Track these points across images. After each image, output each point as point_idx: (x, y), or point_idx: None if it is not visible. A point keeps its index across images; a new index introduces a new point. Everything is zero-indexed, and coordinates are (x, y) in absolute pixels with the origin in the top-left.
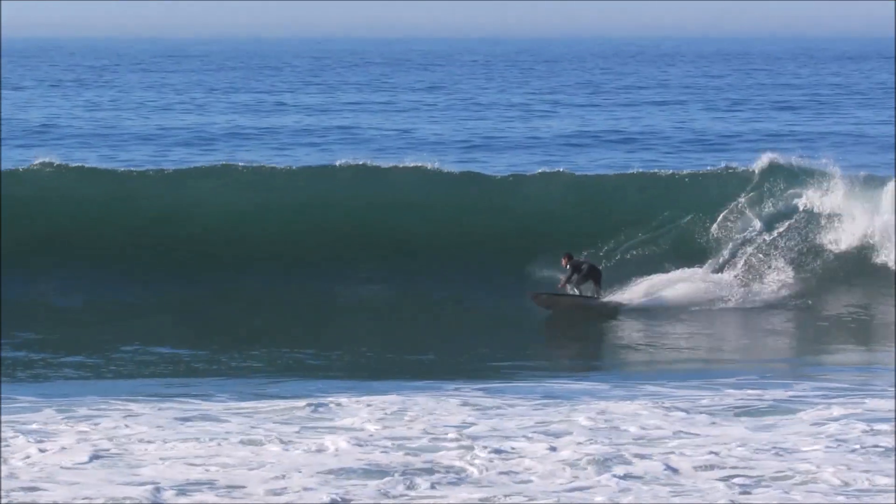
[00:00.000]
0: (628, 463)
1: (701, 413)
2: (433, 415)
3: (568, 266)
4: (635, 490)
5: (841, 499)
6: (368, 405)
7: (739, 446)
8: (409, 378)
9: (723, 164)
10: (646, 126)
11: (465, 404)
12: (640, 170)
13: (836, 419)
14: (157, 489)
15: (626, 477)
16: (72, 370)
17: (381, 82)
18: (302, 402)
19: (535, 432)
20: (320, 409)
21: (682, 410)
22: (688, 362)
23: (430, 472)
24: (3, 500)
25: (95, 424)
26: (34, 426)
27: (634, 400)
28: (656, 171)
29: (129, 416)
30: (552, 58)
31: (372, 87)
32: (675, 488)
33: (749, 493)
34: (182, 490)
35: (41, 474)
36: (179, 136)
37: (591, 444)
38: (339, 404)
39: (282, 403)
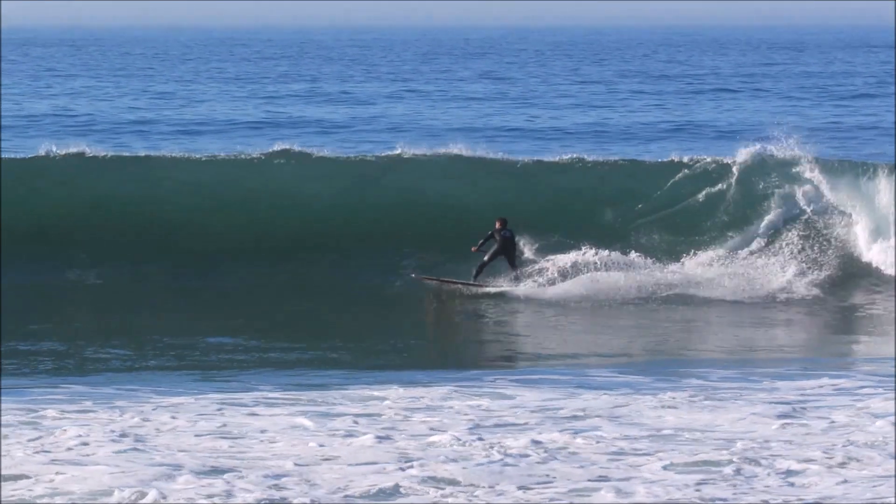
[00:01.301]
0: None
1: None
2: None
3: (496, 228)
4: None
5: None
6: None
7: None
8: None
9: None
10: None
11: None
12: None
13: None
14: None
15: None
16: (118, 361)
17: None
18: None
19: None
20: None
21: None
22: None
23: None
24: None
25: (135, 414)
26: (74, 414)
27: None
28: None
29: (169, 406)
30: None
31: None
32: None
33: None
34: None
35: (82, 460)
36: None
37: None
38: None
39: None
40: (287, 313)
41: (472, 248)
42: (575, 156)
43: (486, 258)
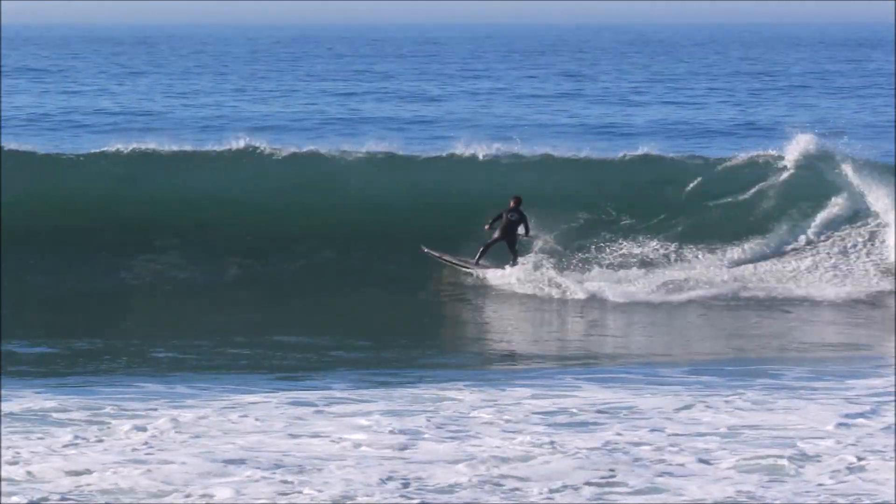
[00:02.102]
0: None
1: None
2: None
3: (511, 205)
4: None
5: None
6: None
7: None
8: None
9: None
10: None
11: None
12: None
13: None
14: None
15: None
16: (191, 359)
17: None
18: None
19: None
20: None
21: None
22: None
23: None
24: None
25: (205, 412)
26: (141, 412)
27: None
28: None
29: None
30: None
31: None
32: None
33: None
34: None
35: (149, 459)
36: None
37: None
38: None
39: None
40: (355, 311)
41: (485, 227)
42: (644, 152)
43: (489, 239)
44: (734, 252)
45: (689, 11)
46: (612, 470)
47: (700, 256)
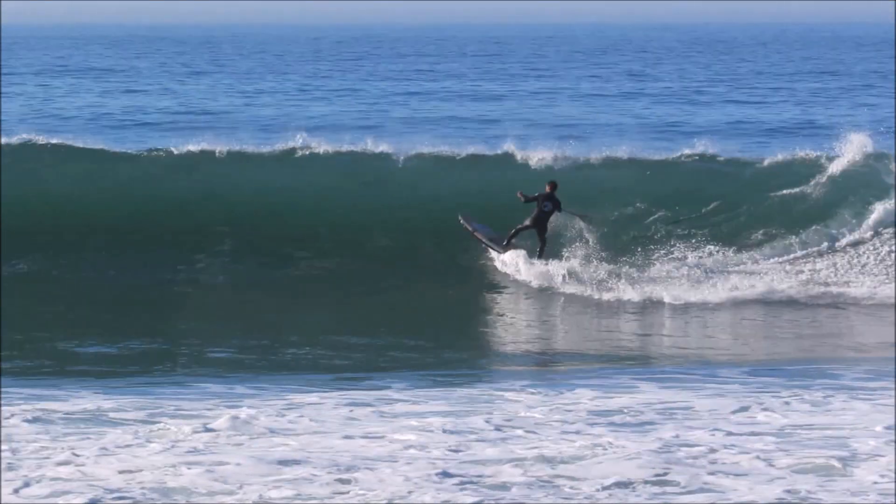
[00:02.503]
0: None
1: None
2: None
3: (546, 191)
4: None
5: None
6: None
7: None
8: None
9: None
10: None
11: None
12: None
13: None
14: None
15: None
16: (250, 360)
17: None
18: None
19: None
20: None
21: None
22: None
23: None
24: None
25: (263, 412)
26: (198, 412)
27: None
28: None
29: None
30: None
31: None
32: None
33: None
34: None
35: (207, 459)
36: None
37: None
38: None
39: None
40: (412, 311)
41: (518, 193)
42: (702, 151)
43: (521, 224)
44: (792, 251)
45: (753, 11)
46: (666, 469)
47: (757, 256)
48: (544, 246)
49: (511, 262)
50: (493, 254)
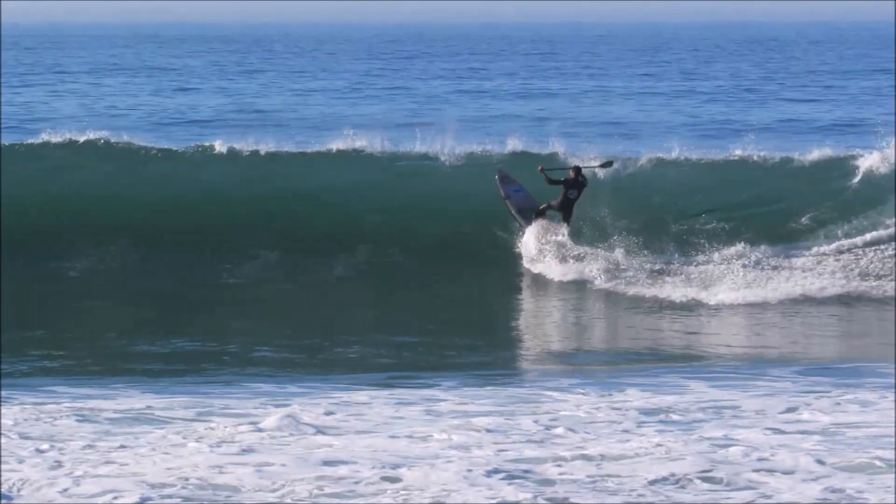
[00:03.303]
0: None
1: None
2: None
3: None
4: None
5: None
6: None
7: None
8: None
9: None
10: None
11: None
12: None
13: None
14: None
15: None
16: (301, 358)
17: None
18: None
19: None
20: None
21: None
22: None
23: None
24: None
25: (312, 412)
26: (247, 411)
27: None
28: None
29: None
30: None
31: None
32: None
33: None
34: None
35: (253, 459)
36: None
37: None
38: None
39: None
40: (461, 309)
41: (539, 168)
42: (753, 150)
43: (545, 205)
44: (842, 249)
45: (803, 10)
46: (711, 467)
47: (806, 253)
48: (568, 227)
49: (531, 246)
50: (520, 236)
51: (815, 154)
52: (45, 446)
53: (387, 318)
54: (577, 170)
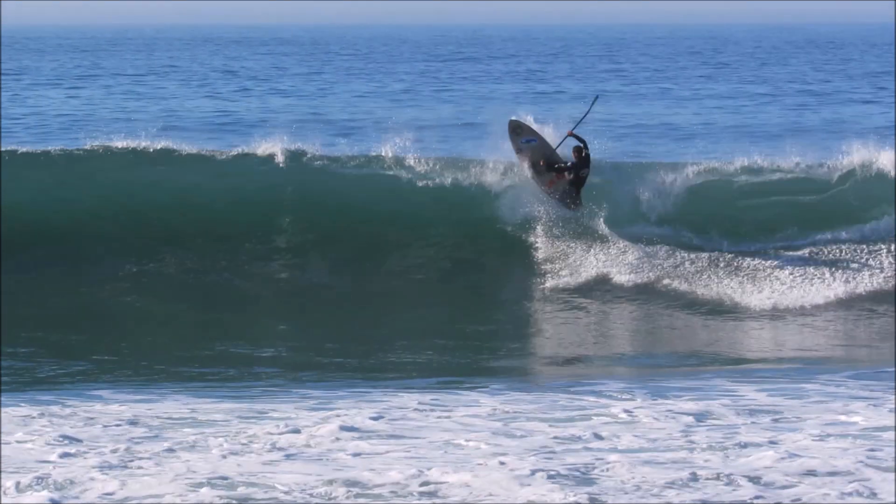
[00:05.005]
0: None
1: None
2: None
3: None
4: None
5: None
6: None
7: None
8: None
9: None
10: None
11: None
12: None
13: None
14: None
15: None
16: (353, 363)
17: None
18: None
19: None
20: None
21: None
22: None
23: None
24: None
25: (362, 415)
26: (292, 415)
27: None
28: None
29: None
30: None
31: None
32: None
33: None
34: None
35: (300, 459)
36: None
37: None
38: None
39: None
40: (508, 315)
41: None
42: (802, 157)
43: (564, 166)
44: (892, 252)
45: (859, 11)
46: (755, 471)
47: (856, 257)
48: (577, 201)
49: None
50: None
51: (865, 157)
52: (88, 449)
53: (435, 322)
54: (580, 150)
